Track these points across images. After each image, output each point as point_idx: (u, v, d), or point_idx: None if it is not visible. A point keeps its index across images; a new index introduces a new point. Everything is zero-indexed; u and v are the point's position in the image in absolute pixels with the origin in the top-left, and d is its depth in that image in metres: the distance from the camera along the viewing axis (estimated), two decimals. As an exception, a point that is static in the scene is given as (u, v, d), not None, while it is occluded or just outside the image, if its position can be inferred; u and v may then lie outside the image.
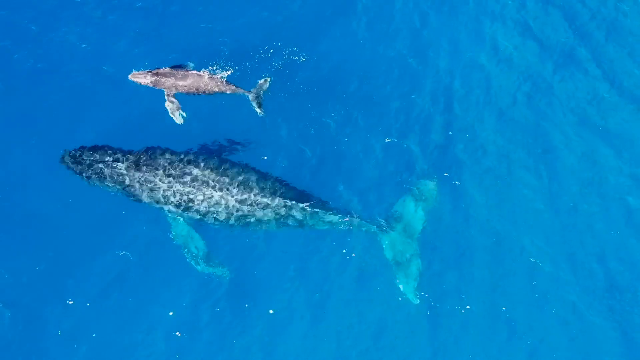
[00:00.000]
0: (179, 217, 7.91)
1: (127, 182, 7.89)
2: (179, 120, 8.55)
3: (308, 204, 7.94)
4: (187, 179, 7.81)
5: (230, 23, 9.55)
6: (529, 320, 7.92)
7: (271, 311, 7.84)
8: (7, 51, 9.17)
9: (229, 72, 8.81)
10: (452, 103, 9.37)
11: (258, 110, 8.67)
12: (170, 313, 7.72)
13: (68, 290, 7.75)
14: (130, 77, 8.60)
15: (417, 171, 8.72)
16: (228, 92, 8.63)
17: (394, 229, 8.20)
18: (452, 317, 7.91)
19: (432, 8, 10.04)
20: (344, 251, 8.20)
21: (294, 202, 7.89)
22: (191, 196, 7.76)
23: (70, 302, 7.64)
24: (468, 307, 7.92)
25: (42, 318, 7.60)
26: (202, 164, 7.93)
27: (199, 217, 7.86)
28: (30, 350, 7.46)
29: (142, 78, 8.57)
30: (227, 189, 7.80)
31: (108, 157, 8.03)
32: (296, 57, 9.24)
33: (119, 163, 7.96)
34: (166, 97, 8.56)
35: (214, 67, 8.81)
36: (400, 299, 7.92)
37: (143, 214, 8.10)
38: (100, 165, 7.99)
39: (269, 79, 8.77)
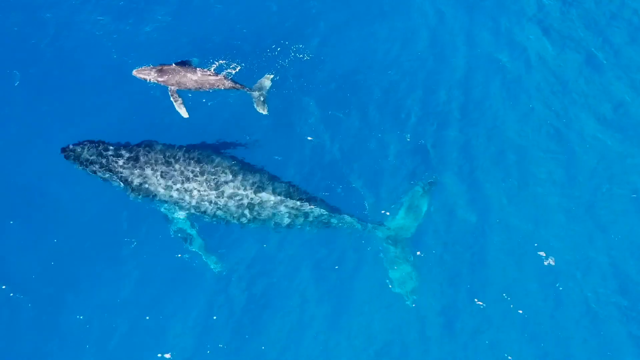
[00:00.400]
0: (191, 213, 7.87)
1: (138, 178, 7.83)
2: (184, 113, 8.47)
3: (318, 202, 7.93)
4: (200, 176, 7.80)
5: (245, 21, 9.57)
6: (542, 322, 7.78)
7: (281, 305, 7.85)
8: (22, 40, 9.20)
9: (237, 70, 8.75)
10: (467, 102, 9.31)
11: (260, 108, 8.58)
12: (183, 311, 7.73)
13: (82, 283, 7.81)
14: (134, 72, 8.56)
15: (430, 169, 8.64)
16: (231, 88, 8.57)
17: (405, 228, 8.13)
18: (465, 318, 7.80)
19: (449, 7, 10.03)
20: (356, 251, 8.13)
21: (304, 201, 7.87)
22: (202, 193, 7.75)
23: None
24: (481, 305, 7.81)
25: (58, 308, 7.70)
26: (214, 162, 7.90)
27: (211, 214, 7.83)
28: (46, 338, 7.55)
29: (147, 74, 8.53)
30: (239, 187, 7.79)
31: (118, 152, 7.97)
32: (301, 55, 9.19)
33: (126, 158, 7.90)
34: (170, 94, 8.51)
35: (220, 63, 8.77)
36: (411, 299, 7.84)
37: (155, 211, 8.06)
38: (111, 160, 7.93)
39: (270, 77, 8.68)
